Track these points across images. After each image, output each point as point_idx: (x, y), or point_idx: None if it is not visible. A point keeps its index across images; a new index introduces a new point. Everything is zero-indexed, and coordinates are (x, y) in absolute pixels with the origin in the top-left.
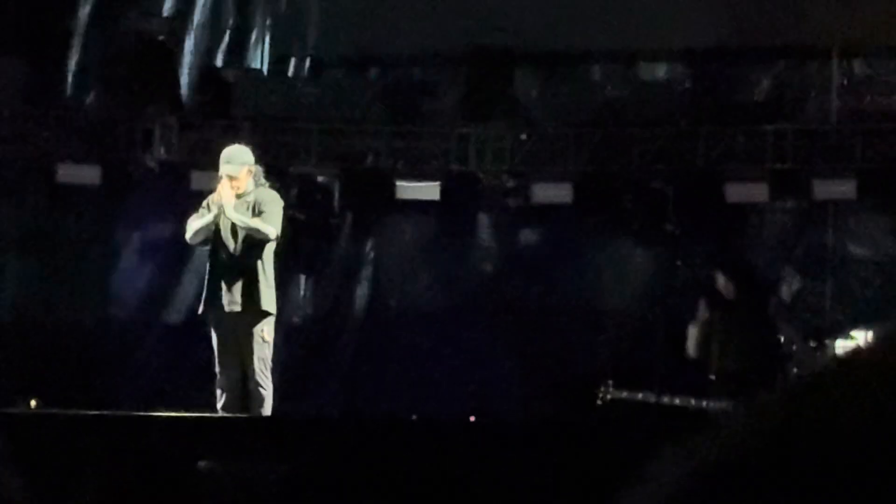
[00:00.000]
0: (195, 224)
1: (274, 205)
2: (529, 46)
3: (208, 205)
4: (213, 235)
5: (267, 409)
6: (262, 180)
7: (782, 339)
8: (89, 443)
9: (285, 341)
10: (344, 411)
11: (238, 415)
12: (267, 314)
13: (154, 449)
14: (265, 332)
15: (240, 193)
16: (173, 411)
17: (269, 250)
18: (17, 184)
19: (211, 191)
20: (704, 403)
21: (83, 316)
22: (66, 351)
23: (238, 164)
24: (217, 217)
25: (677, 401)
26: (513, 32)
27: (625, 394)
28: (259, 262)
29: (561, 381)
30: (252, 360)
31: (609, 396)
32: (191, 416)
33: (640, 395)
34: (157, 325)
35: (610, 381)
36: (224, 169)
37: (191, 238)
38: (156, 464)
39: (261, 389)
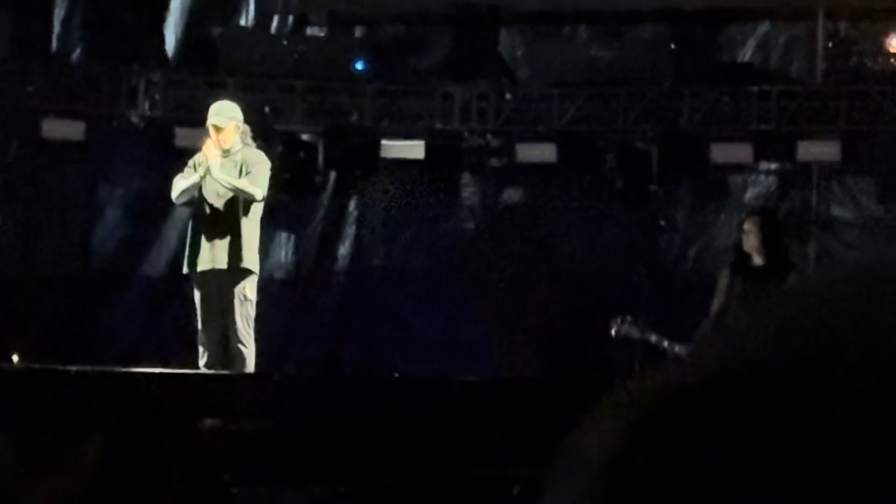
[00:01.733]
0: (181, 184)
1: (261, 166)
2: (515, 6)
3: (194, 164)
4: (198, 195)
5: (249, 367)
6: (250, 140)
7: None
8: (72, 398)
9: (267, 299)
10: (326, 369)
11: (221, 371)
12: (249, 273)
13: (138, 405)
14: (247, 290)
15: (226, 150)
16: (155, 367)
17: (255, 210)
18: (1, 138)
19: (196, 148)
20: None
21: (66, 271)
22: (48, 306)
23: (226, 117)
24: (203, 177)
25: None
26: None
27: (637, 334)
28: (243, 222)
29: (543, 339)
30: (234, 318)
31: (623, 331)
32: (175, 373)
33: (652, 338)
34: (140, 281)
35: (628, 317)
36: (211, 120)
37: (177, 198)
38: (139, 420)
39: (242, 347)
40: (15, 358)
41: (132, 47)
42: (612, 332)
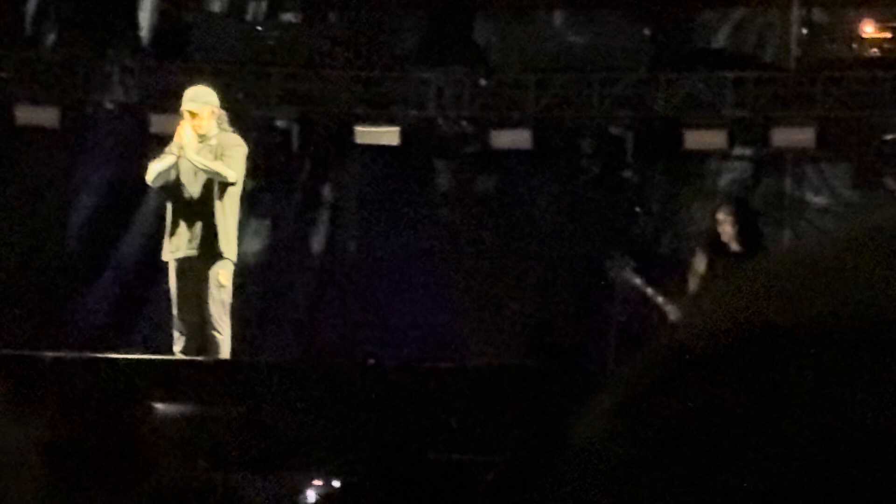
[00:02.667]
0: (157, 166)
1: (236, 149)
2: None
3: (171, 149)
4: (173, 179)
5: (224, 354)
6: (226, 126)
7: None
8: (46, 384)
9: (243, 285)
10: (301, 355)
11: (197, 357)
12: (225, 259)
13: (112, 390)
14: (223, 276)
15: (202, 135)
16: (130, 353)
17: (231, 196)
18: None
19: (171, 134)
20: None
21: (40, 258)
22: (23, 293)
23: (201, 102)
24: (178, 159)
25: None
26: None
27: (631, 279)
28: (219, 206)
29: (518, 326)
30: (210, 304)
31: (618, 274)
32: (150, 358)
33: (648, 290)
34: (116, 267)
35: (629, 261)
36: (186, 105)
37: (152, 181)
38: (113, 406)
39: (217, 334)
40: None
41: (106, 33)
42: (608, 271)
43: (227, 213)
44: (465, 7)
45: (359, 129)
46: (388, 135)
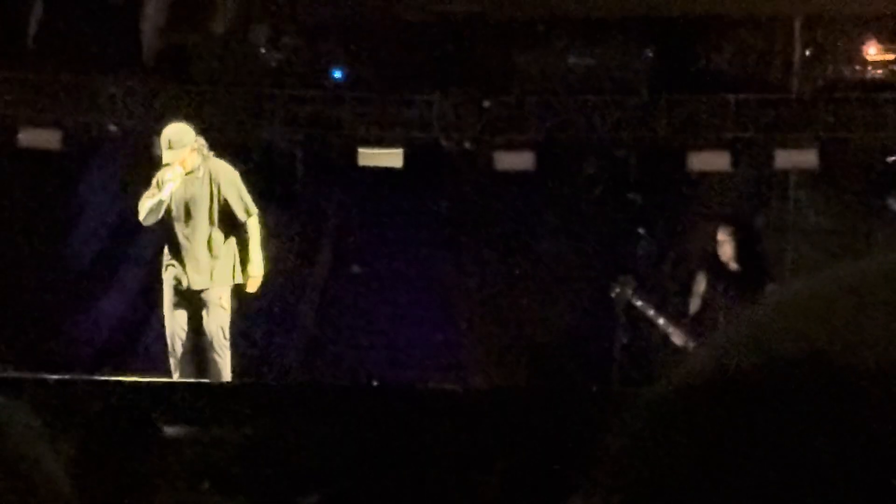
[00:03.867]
0: (148, 203)
1: (237, 184)
2: (492, 14)
3: (158, 182)
4: (166, 213)
5: (226, 377)
6: (207, 151)
7: None
8: (50, 407)
9: (246, 307)
10: (305, 378)
11: (202, 380)
12: (225, 282)
13: (115, 414)
14: (223, 299)
15: (189, 171)
16: (132, 376)
17: (229, 218)
18: None
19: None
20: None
21: (43, 280)
22: (26, 315)
23: (180, 147)
24: (169, 198)
25: (677, 337)
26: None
27: (639, 303)
28: (216, 233)
29: (522, 347)
30: (210, 327)
31: (622, 295)
32: (154, 381)
33: (650, 312)
34: (117, 289)
35: (631, 281)
36: (167, 156)
37: (144, 218)
38: (117, 429)
39: (217, 357)
40: None
41: (109, 56)
42: (612, 294)
43: (226, 236)
44: (468, 29)
45: (362, 150)
46: (391, 157)
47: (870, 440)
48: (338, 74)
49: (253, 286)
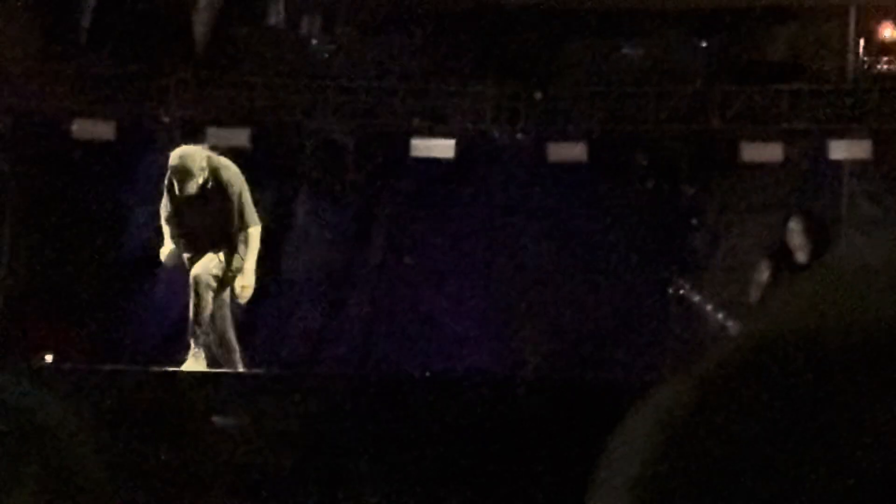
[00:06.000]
0: (164, 256)
1: (243, 193)
2: (545, 6)
3: (171, 184)
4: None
5: (239, 366)
6: (211, 153)
7: None
8: (103, 398)
9: (300, 300)
10: (358, 369)
11: (254, 371)
12: (245, 272)
13: (170, 404)
14: (245, 290)
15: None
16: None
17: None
18: (33, 139)
19: (227, 147)
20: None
21: (98, 271)
22: (80, 306)
23: (189, 174)
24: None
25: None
26: None
27: (697, 297)
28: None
29: (573, 338)
30: (229, 318)
31: (682, 292)
32: (207, 373)
33: (708, 306)
34: (171, 280)
35: (686, 284)
36: (182, 190)
37: (166, 263)
38: (167, 418)
39: (235, 347)
40: (48, 358)
41: (162, 47)
42: (670, 291)
43: (230, 241)
44: (520, 21)
45: (415, 141)
46: (443, 147)
47: None
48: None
49: (244, 297)
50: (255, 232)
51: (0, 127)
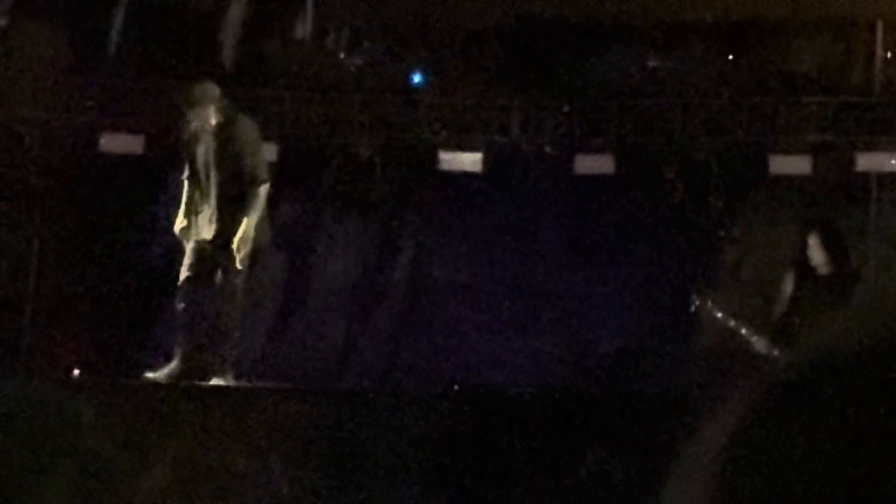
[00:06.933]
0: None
1: (255, 148)
2: (571, 17)
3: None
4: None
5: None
6: (231, 111)
7: None
8: (133, 411)
9: (327, 312)
10: (385, 382)
11: (282, 384)
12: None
13: (203, 416)
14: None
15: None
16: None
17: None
18: (61, 153)
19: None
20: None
21: (126, 286)
22: (107, 320)
23: (202, 106)
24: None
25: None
26: (555, 3)
27: (723, 310)
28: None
29: (601, 352)
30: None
31: (709, 305)
32: (238, 386)
33: (731, 322)
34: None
35: (707, 300)
36: (190, 114)
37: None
38: (206, 430)
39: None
40: (76, 372)
41: (190, 61)
42: (697, 303)
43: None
44: (547, 33)
45: (442, 155)
46: (471, 161)
47: None
48: (417, 79)
49: (240, 252)
50: (262, 190)
51: (28, 140)
